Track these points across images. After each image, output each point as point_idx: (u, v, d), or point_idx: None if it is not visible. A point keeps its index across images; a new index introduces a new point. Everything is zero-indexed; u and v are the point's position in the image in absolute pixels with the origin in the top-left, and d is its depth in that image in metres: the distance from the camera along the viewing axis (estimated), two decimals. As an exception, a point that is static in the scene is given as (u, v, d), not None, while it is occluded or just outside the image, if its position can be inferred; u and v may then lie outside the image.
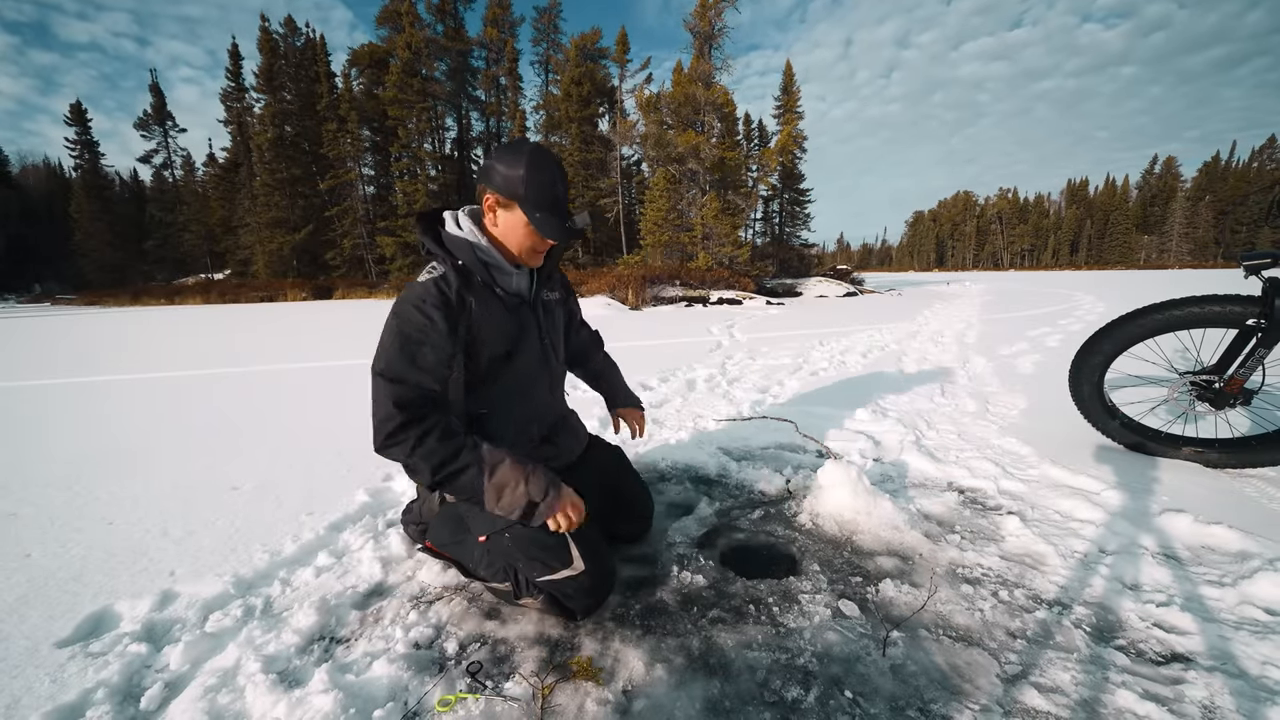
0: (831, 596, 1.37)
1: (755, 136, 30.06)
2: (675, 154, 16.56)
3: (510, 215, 1.26)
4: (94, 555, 1.65)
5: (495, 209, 1.28)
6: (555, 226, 1.24)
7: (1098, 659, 1.15)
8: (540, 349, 1.44)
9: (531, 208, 1.22)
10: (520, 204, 1.23)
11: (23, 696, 1.10)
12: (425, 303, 1.21)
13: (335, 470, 2.31)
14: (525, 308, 1.40)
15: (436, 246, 1.29)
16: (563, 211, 1.26)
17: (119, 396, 3.96)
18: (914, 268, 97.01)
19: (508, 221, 1.27)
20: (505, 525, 1.28)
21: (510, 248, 1.31)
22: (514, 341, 1.36)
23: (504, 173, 1.22)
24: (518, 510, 1.18)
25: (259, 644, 1.23)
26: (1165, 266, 63.27)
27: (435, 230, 1.33)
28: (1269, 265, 1.95)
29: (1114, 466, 2.14)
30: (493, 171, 1.24)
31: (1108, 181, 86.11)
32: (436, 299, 1.22)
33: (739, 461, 2.28)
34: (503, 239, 1.31)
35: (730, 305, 12.51)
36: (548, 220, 1.23)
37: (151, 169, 33.91)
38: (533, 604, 1.34)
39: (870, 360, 4.70)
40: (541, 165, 1.22)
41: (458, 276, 1.26)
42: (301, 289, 23.52)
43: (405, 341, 1.20)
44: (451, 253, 1.28)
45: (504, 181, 1.22)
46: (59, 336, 8.99)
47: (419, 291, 1.23)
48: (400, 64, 24.18)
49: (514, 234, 1.28)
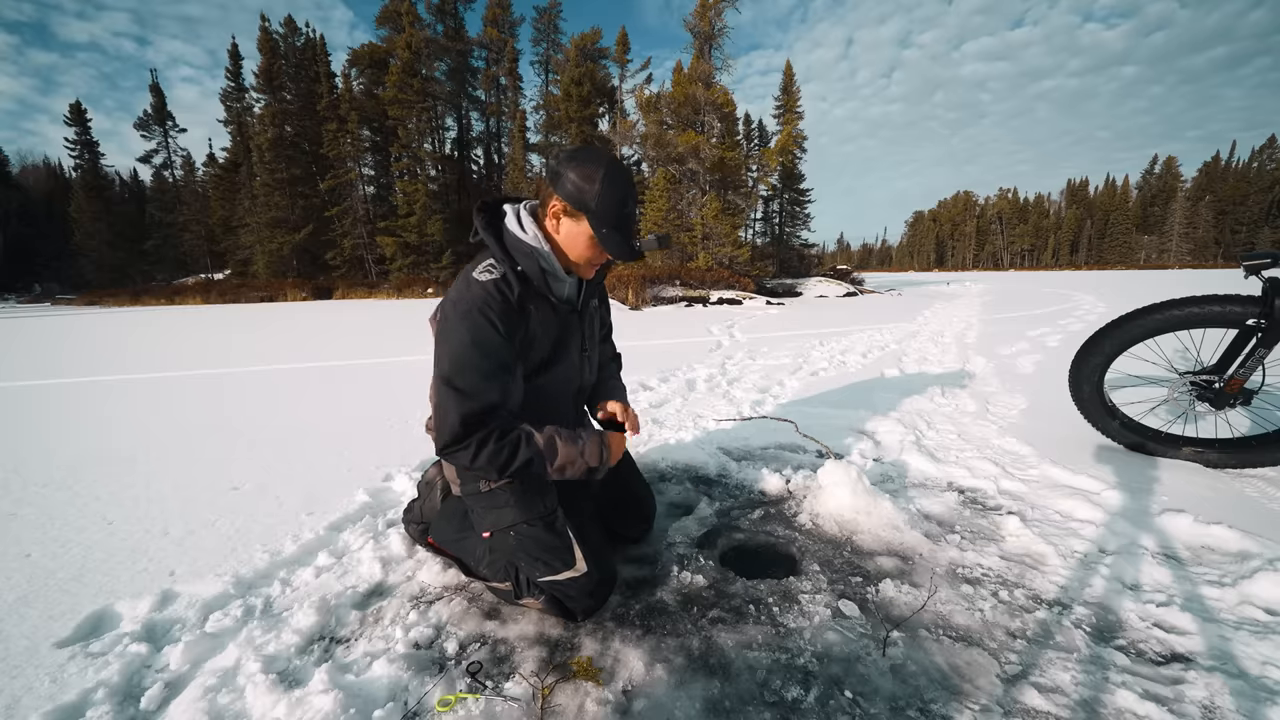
0: (831, 596, 1.37)
1: (755, 136, 30.05)
2: (675, 154, 16.56)
3: (575, 226, 1.22)
4: (94, 555, 1.65)
5: (560, 216, 1.23)
6: (621, 245, 1.20)
7: (1098, 659, 1.15)
8: (579, 360, 1.43)
9: (599, 223, 1.18)
10: (589, 217, 1.18)
11: (23, 696, 1.10)
12: (492, 310, 1.18)
13: (335, 470, 2.31)
14: (574, 316, 1.38)
15: (497, 246, 1.24)
16: (629, 230, 1.23)
17: (119, 396, 3.96)
18: (914, 268, 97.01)
19: (571, 231, 1.23)
20: (510, 523, 1.29)
21: (569, 257, 1.28)
22: (558, 348, 1.35)
23: (576, 182, 1.17)
24: (582, 473, 1.28)
25: (259, 644, 1.23)
26: (1165, 266, 63.29)
27: (497, 226, 1.27)
28: (1269, 265, 1.95)
29: (1114, 466, 2.14)
30: (563, 178, 1.19)
31: (1108, 181, 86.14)
32: (501, 306, 1.19)
33: (739, 461, 2.28)
34: (563, 246, 1.27)
35: (730, 305, 12.51)
36: (613, 237, 1.19)
37: (151, 169, 33.89)
38: (533, 604, 1.33)
39: (870, 360, 4.70)
40: (616, 181, 1.18)
41: (519, 282, 1.22)
42: (301, 289, 23.52)
43: (476, 353, 1.18)
44: (512, 255, 1.24)
45: (575, 191, 1.18)
46: (59, 337, 8.99)
47: (483, 296, 1.19)
48: (400, 64, 24.18)
49: (576, 245, 1.24)
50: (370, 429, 2.90)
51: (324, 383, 4.29)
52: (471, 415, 1.17)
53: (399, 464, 2.32)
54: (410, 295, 21.28)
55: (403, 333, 7.91)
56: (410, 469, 2.24)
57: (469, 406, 1.17)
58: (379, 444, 2.64)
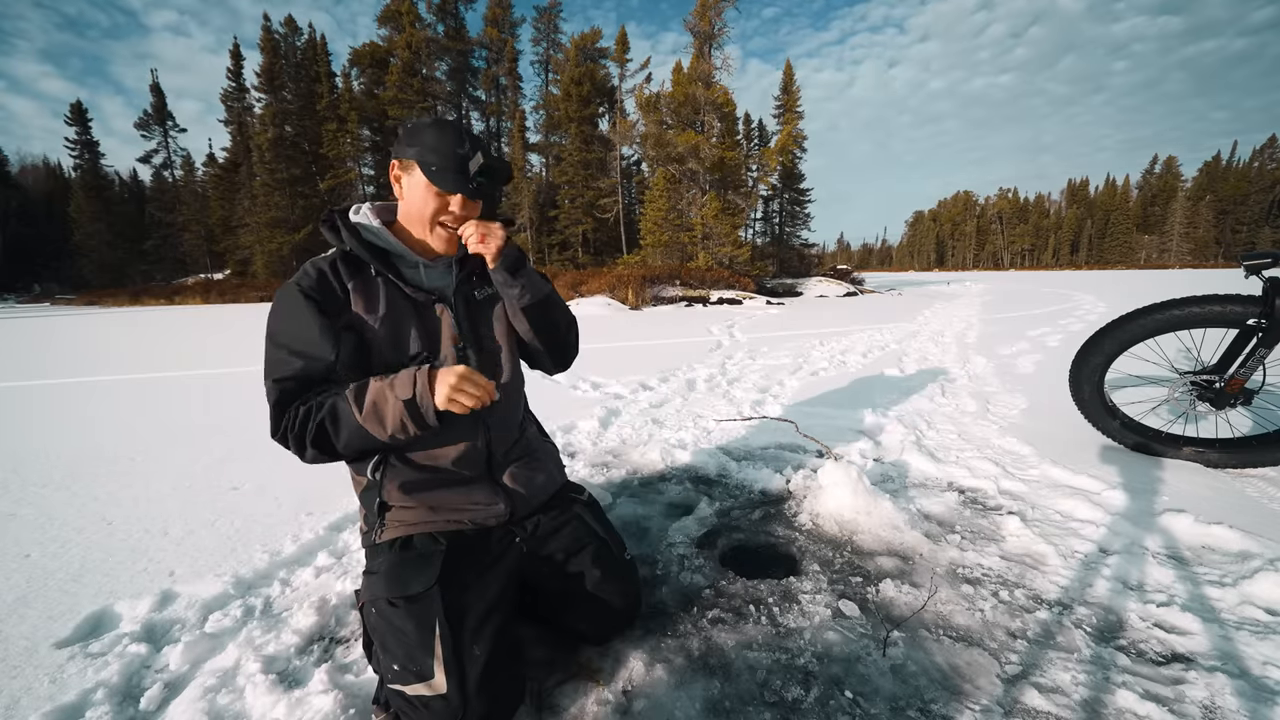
0: (832, 596, 1.37)
1: (755, 136, 30.06)
2: (675, 154, 16.57)
3: (410, 178, 1.09)
4: (94, 555, 1.65)
5: (399, 179, 1.12)
6: (455, 179, 1.05)
7: (1098, 659, 1.15)
8: (456, 356, 1.14)
9: (428, 160, 1.05)
10: (418, 159, 1.06)
11: (22, 697, 1.10)
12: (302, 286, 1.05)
13: (335, 470, 2.30)
14: (437, 306, 1.14)
15: (333, 235, 1.11)
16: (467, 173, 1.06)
17: (119, 397, 3.96)
18: (914, 268, 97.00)
19: (410, 188, 1.10)
20: (373, 595, 1.03)
21: (414, 223, 1.12)
22: (418, 346, 1.11)
23: (407, 135, 1.08)
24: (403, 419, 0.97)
25: (259, 644, 1.23)
26: (1166, 266, 63.28)
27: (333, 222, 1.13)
28: (1269, 265, 1.95)
29: (1114, 466, 2.14)
30: (399, 140, 1.10)
31: (1108, 181, 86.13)
32: (314, 282, 1.06)
33: (739, 461, 2.28)
34: (407, 211, 1.13)
35: (730, 305, 12.50)
36: (445, 174, 1.04)
37: (151, 169, 33.90)
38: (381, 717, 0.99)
39: (870, 360, 4.70)
40: (446, 128, 1.07)
41: (343, 264, 1.09)
42: (301, 289, 23.46)
43: (273, 335, 1.05)
44: (341, 239, 1.11)
45: (405, 136, 1.09)
46: (59, 337, 8.99)
47: (300, 274, 1.08)
48: (400, 64, 24.21)
49: (415, 198, 1.10)
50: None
51: (324, 383, 4.28)
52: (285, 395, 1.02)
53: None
54: (410, 295, 21.22)
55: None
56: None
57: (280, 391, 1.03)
58: (379, 444, 2.64)
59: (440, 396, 0.96)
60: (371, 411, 0.97)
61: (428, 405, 0.97)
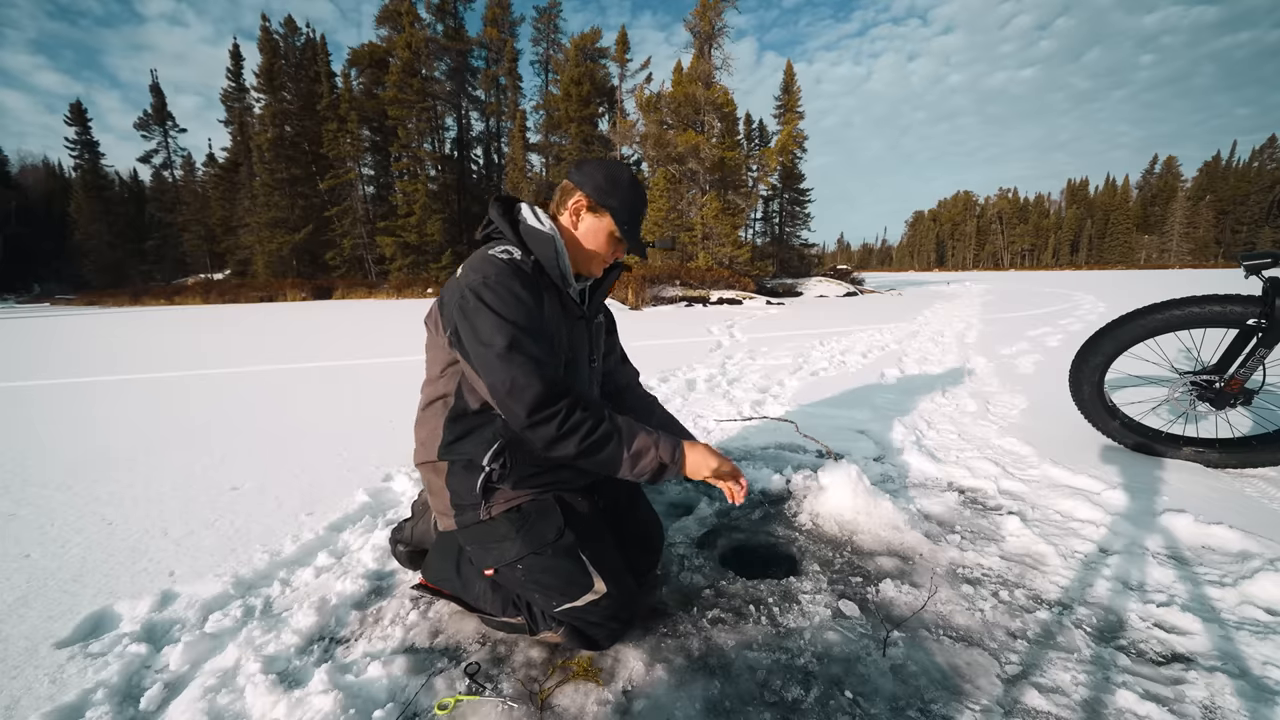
0: (832, 596, 1.37)
1: (756, 136, 30.06)
2: (675, 154, 16.56)
3: (598, 222, 1.27)
4: (94, 555, 1.65)
5: (582, 212, 1.28)
6: (638, 241, 1.31)
7: (1098, 659, 1.15)
8: (589, 371, 1.39)
9: (621, 219, 1.26)
10: (613, 213, 1.26)
11: (22, 697, 1.10)
12: (519, 282, 1.15)
13: (335, 470, 2.31)
14: (583, 323, 1.34)
15: (513, 233, 1.24)
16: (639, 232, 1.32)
17: (119, 397, 3.96)
18: (914, 268, 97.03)
19: (593, 227, 1.28)
20: (516, 556, 1.20)
21: (586, 250, 1.30)
22: (572, 352, 1.30)
23: (603, 182, 1.25)
24: (649, 474, 1.16)
25: (259, 644, 1.23)
26: (1166, 266, 63.29)
27: (513, 217, 1.27)
28: (1269, 265, 1.95)
29: (1114, 466, 2.14)
30: (593, 176, 1.26)
31: (1108, 181, 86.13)
32: (527, 279, 1.17)
33: (739, 461, 2.28)
34: (581, 240, 1.29)
35: (730, 305, 12.51)
36: (633, 233, 1.28)
37: (151, 169, 33.93)
38: (552, 637, 1.24)
39: (870, 360, 4.70)
40: (637, 187, 1.29)
41: (533, 267, 1.21)
42: (301, 289, 23.49)
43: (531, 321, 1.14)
44: (526, 243, 1.23)
45: (607, 184, 1.25)
46: (59, 337, 8.99)
47: (509, 269, 1.16)
48: (400, 64, 24.18)
49: (596, 239, 1.28)
50: (370, 429, 2.90)
51: (324, 382, 4.28)
52: (548, 375, 1.10)
53: (399, 464, 2.32)
54: (410, 295, 21.27)
55: (403, 332, 7.90)
56: (410, 469, 2.24)
57: (546, 371, 1.10)
58: (379, 444, 2.64)
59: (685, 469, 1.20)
60: (632, 457, 1.15)
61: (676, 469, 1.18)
